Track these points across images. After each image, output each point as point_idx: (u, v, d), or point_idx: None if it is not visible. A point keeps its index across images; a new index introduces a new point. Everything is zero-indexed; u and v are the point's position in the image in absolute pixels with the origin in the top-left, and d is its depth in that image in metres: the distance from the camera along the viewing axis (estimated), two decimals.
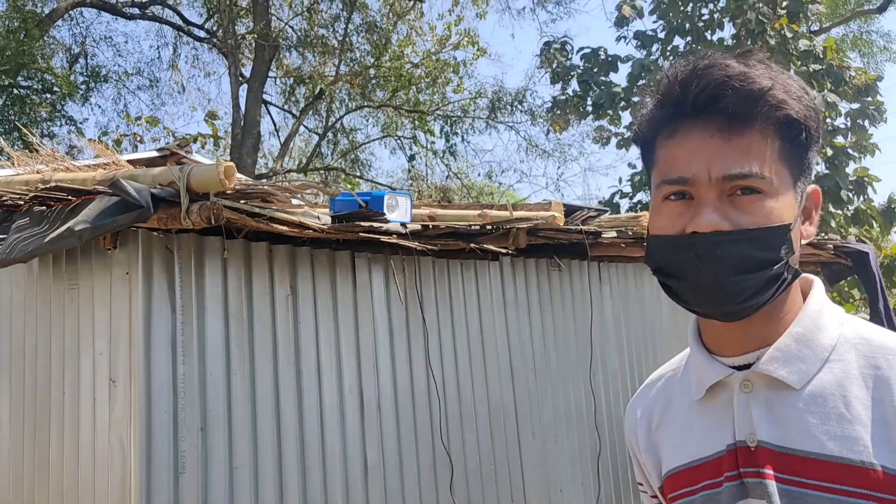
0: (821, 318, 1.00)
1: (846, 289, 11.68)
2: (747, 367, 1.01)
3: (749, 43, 11.61)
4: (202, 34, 17.12)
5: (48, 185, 3.13)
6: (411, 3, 16.82)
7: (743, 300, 0.94)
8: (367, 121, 18.43)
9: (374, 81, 16.85)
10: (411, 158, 18.08)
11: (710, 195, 0.93)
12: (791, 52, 11.44)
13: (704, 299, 0.96)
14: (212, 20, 16.86)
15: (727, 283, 0.92)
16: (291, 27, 16.71)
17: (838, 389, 0.95)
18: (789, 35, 11.42)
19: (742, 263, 0.92)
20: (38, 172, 3.78)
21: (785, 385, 0.97)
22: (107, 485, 3.08)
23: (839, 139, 11.39)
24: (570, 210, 4.48)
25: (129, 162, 4.42)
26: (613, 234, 4.60)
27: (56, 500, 3.29)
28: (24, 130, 11.21)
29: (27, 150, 4.48)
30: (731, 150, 0.92)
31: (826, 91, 11.16)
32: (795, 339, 0.98)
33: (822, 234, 7.02)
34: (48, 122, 14.40)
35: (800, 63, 11.53)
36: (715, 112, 0.93)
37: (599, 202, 13.74)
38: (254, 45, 14.98)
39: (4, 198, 3.42)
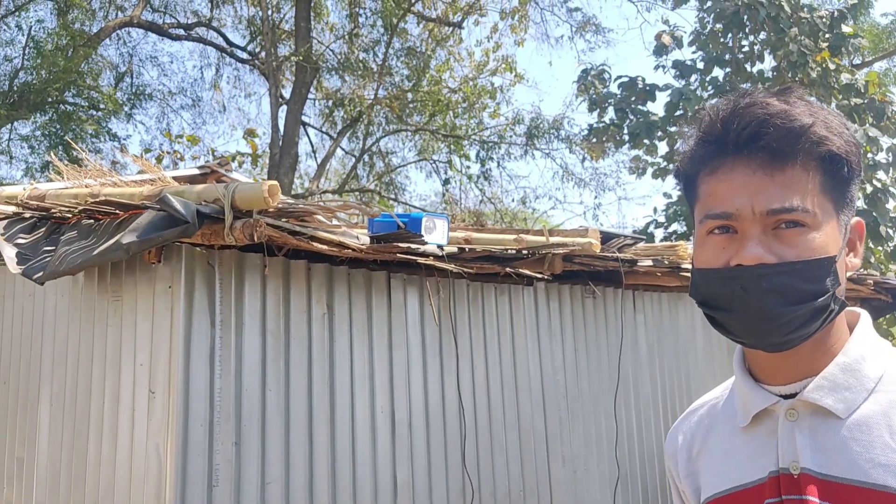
0: (867, 349, 1.02)
1: (885, 326, 11.46)
2: (793, 395, 1.02)
3: (790, 75, 11.54)
4: (244, 56, 17.46)
5: (97, 199, 3.22)
6: (451, 29, 17.00)
7: (788, 332, 0.95)
8: (403, 144, 18.60)
9: (411, 105, 17.02)
10: (446, 182, 18.17)
11: (754, 229, 0.95)
12: (832, 85, 11.35)
13: (750, 331, 0.97)
14: (254, 42, 17.19)
15: (773, 315, 0.94)
16: (332, 50, 16.98)
17: (883, 419, 0.96)
18: (831, 68, 11.33)
19: (788, 295, 0.93)
20: (86, 186, 3.89)
21: (830, 414, 0.98)
22: (142, 495, 3.13)
23: (881, 174, 11.24)
24: (606, 237, 4.48)
25: (172, 178, 4.52)
26: (650, 262, 4.59)
27: None
28: (73, 145, 11.49)
29: (75, 165, 4.60)
30: (773, 185, 0.95)
31: (868, 125, 11.04)
32: (842, 369, 0.99)
33: (862, 270, 6.93)
34: (94, 139, 14.75)
35: (841, 97, 11.43)
36: (757, 149, 0.95)
37: (634, 231, 13.67)
38: (295, 67, 15.23)
39: (54, 210, 3.52)
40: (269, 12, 15.90)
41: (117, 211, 3.16)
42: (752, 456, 1.04)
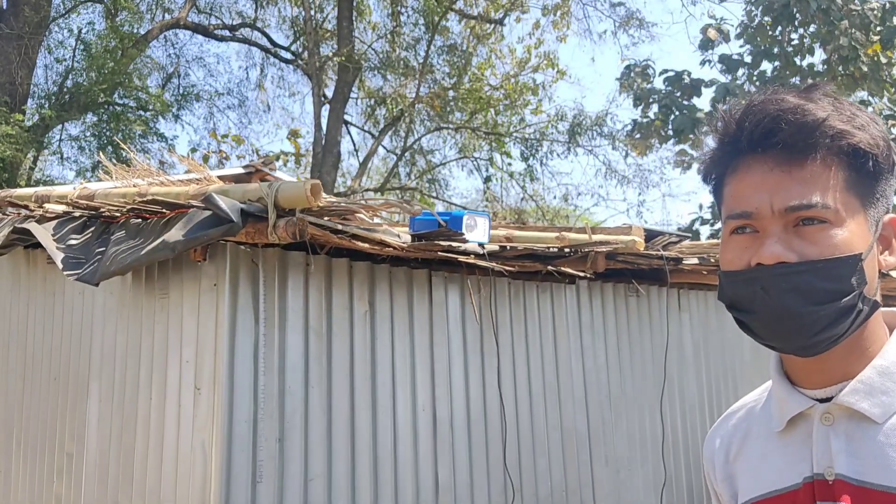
0: None
1: None
2: (828, 399, 0.99)
3: (840, 69, 11.27)
4: (288, 56, 17.65)
5: (145, 199, 3.28)
6: (492, 26, 16.96)
7: (814, 333, 0.92)
8: (445, 142, 18.62)
9: (452, 103, 17.02)
10: (487, 180, 18.14)
11: (774, 227, 0.93)
12: (884, 79, 11.06)
13: (775, 334, 0.95)
14: (297, 42, 17.36)
15: (795, 315, 0.91)
16: (374, 49, 17.07)
17: None
18: (883, 61, 11.04)
19: (810, 295, 0.91)
20: (134, 186, 3.96)
21: (867, 418, 0.95)
22: (188, 489, 3.18)
23: None
24: (650, 235, 4.43)
25: (217, 178, 4.58)
26: (695, 260, 4.52)
27: (139, 500, 3.41)
28: (122, 145, 11.73)
29: (124, 165, 4.69)
30: (792, 181, 0.93)
31: None
32: (879, 372, 0.96)
33: None
34: (142, 139, 15.04)
35: (893, 90, 11.12)
36: (772, 146, 0.94)
37: (679, 229, 13.49)
38: (337, 66, 15.34)
39: (103, 209, 3.60)
40: (312, 12, 16.04)
41: (164, 210, 3.21)
42: (787, 461, 1.02)
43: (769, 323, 0.94)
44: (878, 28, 11.38)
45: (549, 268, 3.96)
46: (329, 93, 16.09)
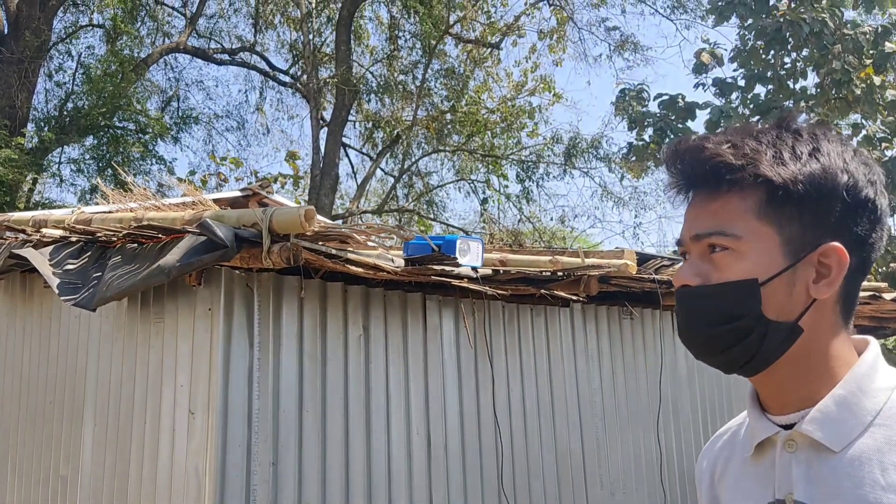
0: (868, 381, 0.99)
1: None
2: (792, 426, 1.02)
3: (833, 92, 11.37)
4: (287, 79, 17.78)
5: (141, 224, 3.31)
6: (489, 50, 17.11)
7: (717, 353, 1.01)
8: (442, 164, 18.71)
9: (449, 126, 17.13)
10: (484, 202, 18.21)
11: (693, 253, 1.03)
12: (877, 102, 11.14)
13: (692, 349, 1.05)
14: (296, 66, 17.50)
15: (694, 335, 1.02)
16: (372, 73, 17.20)
17: (876, 455, 0.94)
18: (876, 84, 11.14)
19: (703, 317, 1.00)
20: (130, 210, 4.00)
21: (825, 447, 0.97)
22: None
23: None
24: (642, 258, 4.46)
25: (214, 201, 4.62)
26: None
27: None
28: (119, 169, 11.78)
29: (121, 189, 4.73)
30: (706, 213, 1.01)
31: None
32: (836, 402, 0.98)
33: None
34: (140, 162, 15.12)
35: (886, 113, 11.21)
36: (691, 183, 1.04)
37: (674, 251, 13.52)
38: (335, 90, 15.45)
39: (100, 234, 3.63)
40: (311, 36, 16.19)
41: (160, 235, 3.24)
42: (755, 485, 1.05)
43: (686, 341, 1.05)
44: (871, 52, 11.49)
45: (543, 291, 3.98)
46: (327, 116, 16.20)
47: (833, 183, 0.98)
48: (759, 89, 12.64)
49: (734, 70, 12.79)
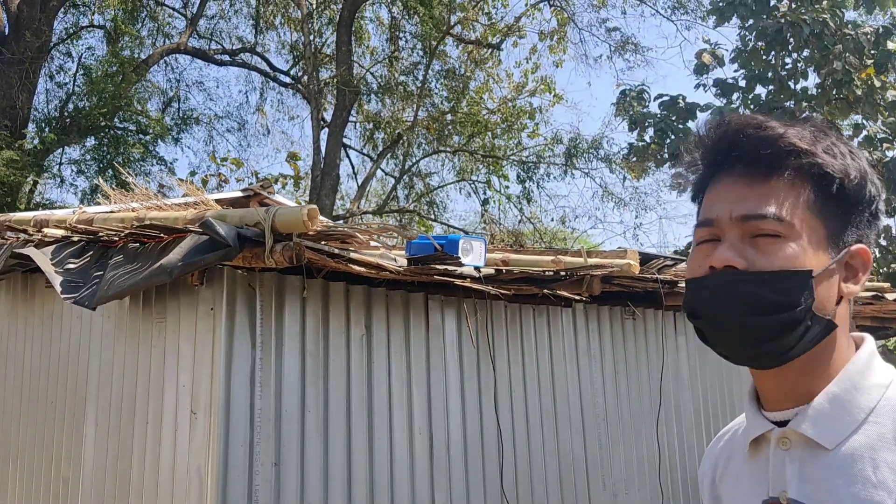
0: (862, 378, 0.99)
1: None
2: (786, 423, 1.01)
3: (834, 93, 11.36)
4: (287, 80, 17.77)
5: (143, 224, 3.30)
6: (489, 51, 17.10)
7: (757, 344, 0.95)
8: (443, 165, 18.70)
9: (450, 127, 17.12)
10: (485, 202, 18.21)
11: (730, 235, 0.97)
12: (878, 102, 11.14)
13: (720, 341, 0.98)
14: (297, 67, 17.49)
15: (738, 323, 0.94)
16: (372, 74, 17.20)
17: (868, 452, 0.94)
18: (877, 85, 11.13)
19: (753, 305, 0.93)
20: (132, 210, 3.99)
21: (818, 445, 0.97)
22: None
23: None
24: (645, 258, 4.45)
25: (215, 201, 4.61)
26: None
27: None
28: (120, 170, 11.78)
29: (122, 189, 4.72)
30: (751, 193, 0.97)
31: None
32: (830, 400, 0.98)
33: None
34: (141, 162, 15.11)
35: (887, 114, 11.20)
36: (735, 160, 0.98)
37: (675, 251, 13.52)
38: (336, 90, 15.45)
39: (101, 234, 3.62)
40: (312, 37, 16.18)
41: (162, 235, 3.23)
42: (751, 483, 1.04)
43: (715, 329, 0.97)
44: (872, 52, 11.48)
45: (545, 291, 3.97)
46: (328, 116, 16.19)
47: (869, 186, 0.99)
48: (760, 90, 12.64)
49: (735, 71, 12.80)
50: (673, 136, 12.79)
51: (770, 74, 12.35)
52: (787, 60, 12.39)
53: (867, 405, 0.97)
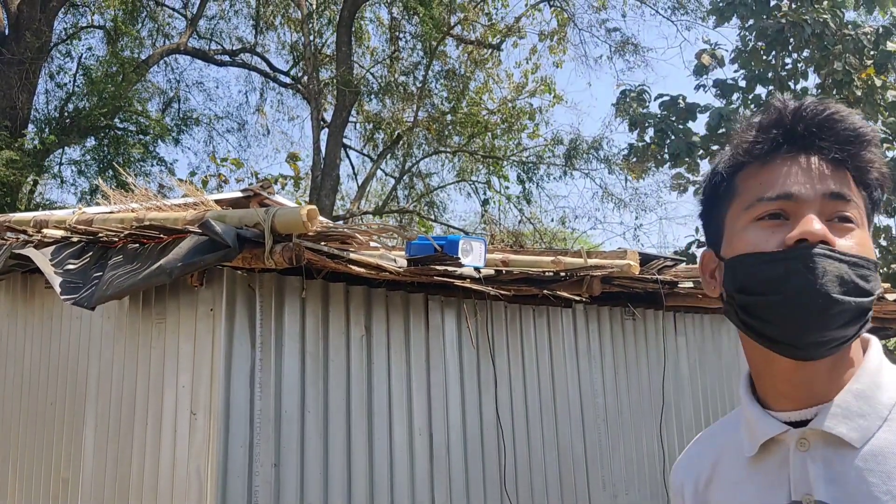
0: (880, 375, 0.97)
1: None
2: (802, 423, 0.98)
3: (834, 93, 11.36)
4: (287, 80, 17.77)
5: (142, 224, 3.30)
6: (489, 51, 17.10)
7: (831, 326, 0.89)
8: (443, 165, 18.70)
9: (450, 127, 17.12)
10: (485, 203, 18.20)
11: (815, 211, 0.93)
12: (878, 102, 11.14)
13: (795, 321, 0.90)
14: (297, 67, 17.49)
15: (830, 300, 0.88)
16: (372, 74, 17.20)
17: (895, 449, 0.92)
18: (877, 85, 11.13)
19: (847, 285, 0.89)
20: (132, 211, 3.99)
21: (844, 443, 0.94)
22: None
23: None
24: (645, 259, 4.44)
25: (215, 202, 4.61)
26: (690, 284, 4.53)
27: None
28: (120, 170, 11.78)
29: (122, 190, 4.72)
30: (832, 176, 0.95)
31: None
32: (855, 396, 0.95)
33: None
34: (141, 163, 15.11)
35: (887, 114, 11.20)
36: (820, 141, 0.95)
37: (675, 252, 13.52)
38: (336, 91, 15.44)
39: (101, 234, 3.62)
40: (312, 38, 16.18)
41: (161, 235, 3.23)
42: (763, 488, 0.99)
43: (798, 306, 0.89)
44: (872, 52, 11.49)
45: (546, 292, 3.97)
46: (328, 117, 16.19)
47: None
48: (760, 90, 12.65)
49: (735, 71, 12.81)
50: (673, 137, 12.79)
51: (770, 75, 12.35)
52: (788, 61, 12.40)
53: (889, 402, 0.95)
